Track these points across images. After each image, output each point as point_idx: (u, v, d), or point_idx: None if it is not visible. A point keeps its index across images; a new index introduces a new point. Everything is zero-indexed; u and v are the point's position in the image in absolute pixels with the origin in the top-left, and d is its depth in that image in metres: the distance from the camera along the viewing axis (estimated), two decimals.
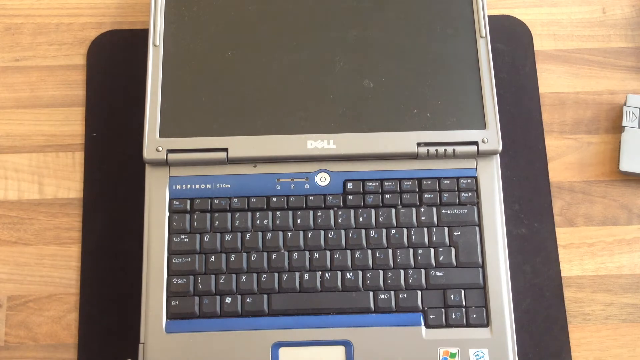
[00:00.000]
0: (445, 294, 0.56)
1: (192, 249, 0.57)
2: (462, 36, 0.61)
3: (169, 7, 0.62)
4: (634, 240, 0.61)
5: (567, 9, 0.68)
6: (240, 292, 0.56)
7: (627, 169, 0.62)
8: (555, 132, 0.64)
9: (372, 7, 0.62)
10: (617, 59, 0.67)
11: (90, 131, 0.64)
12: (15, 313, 0.59)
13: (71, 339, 0.59)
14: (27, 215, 0.62)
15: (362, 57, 0.61)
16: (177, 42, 0.61)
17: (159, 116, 0.58)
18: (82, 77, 0.66)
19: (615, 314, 0.59)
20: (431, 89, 0.60)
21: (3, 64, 0.66)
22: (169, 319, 0.55)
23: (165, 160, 0.58)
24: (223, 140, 0.58)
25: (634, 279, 0.60)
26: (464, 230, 0.57)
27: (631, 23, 0.68)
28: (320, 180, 0.59)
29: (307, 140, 0.58)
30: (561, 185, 0.63)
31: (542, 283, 0.59)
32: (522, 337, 0.57)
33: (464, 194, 0.58)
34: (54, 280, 0.60)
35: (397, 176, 0.59)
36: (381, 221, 0.57)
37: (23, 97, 0.65)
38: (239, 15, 0.62)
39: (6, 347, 0.58)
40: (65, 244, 0.61)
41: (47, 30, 0.67)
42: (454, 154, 0.58)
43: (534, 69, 0.66)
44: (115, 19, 0.68)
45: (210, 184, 0.58)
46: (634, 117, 0.63)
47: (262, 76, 0.60)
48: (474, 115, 0.59)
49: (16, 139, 0.64)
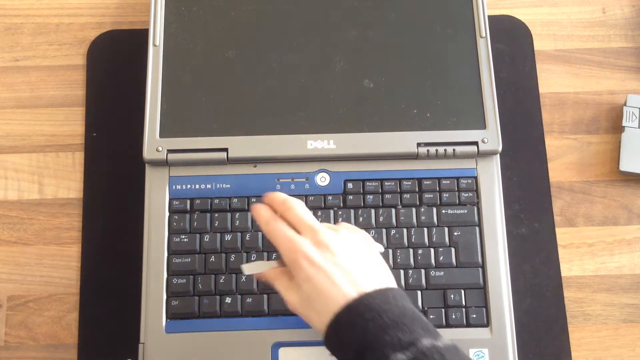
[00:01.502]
0: (445, 294, 0.56)
1: (192, 249, 0.57)
2: (462, 36, 0.61)
3: (169, 7, 0.62)
4: (634, 240, 0.61)
5: (567, 9, 0.68)
6: (240, 292, 0.56)
7: (627, 169, 0.62)
8: (555, 132, 0.64)
9: (372, 7, 0.62)
10: (617, 59, 0.67)
11: (90, 131, 0.64)
12: (15, 313, 0.59)
13: (71, 339, 0.59)
14: (27, 215, 0.62)
15: (362, 57, 0.61)
16: (177, 42, 0.61)
17: (159, 116, 0.58)
18: (82, 77, 0.66)
19: (615, 314, 0.59)
20: (431, 89, 0.60)
21: (3, 64, 0.66)
22: (169, 319, 0.55)
23: (165, 160, 0.58)
24: (223, 140, 0.58)
25: (634, 279, 0.60)
26: (464, 230, 0.57)
27: (631, 23, 0.68)
28: (320, 180, 0.59)
29: (307, 140, 0.58)
30: (561, 185, 0.63)
31: (542, 283, 0.59)
32: (522, 337, 0.57)
33: (464, 194, 0.58)
34: (54, 280, 0.60)
35: (397, 176, 0.59)
36: (381, 221, 0.57)
37: (23, 97, 0.65)
38: (239, 15, 0.62)
39: (6, 347, 0.58)
40: (65, 244, 0.61)
41: (47, 30, 0.67)
42: (454, 154, 0.58)
43: (534, 69, 0.66)
44: (115, 19, 0.68)
45: (210, 184, 0.58)
46: (634, 117, 0.63)
47: (262, 76, 0.60)
48: (474, 115, 0.59)
49: (16, 139, 0.64)
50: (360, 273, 0.47)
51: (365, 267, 0.48)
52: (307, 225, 0.49)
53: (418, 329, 0.44)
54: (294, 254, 0.47)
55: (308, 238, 0.48)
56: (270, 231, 0.49)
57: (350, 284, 0.46)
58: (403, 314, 0.45)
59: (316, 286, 0.46)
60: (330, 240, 0.48)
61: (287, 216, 0.50)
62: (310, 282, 0.47)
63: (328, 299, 0.46)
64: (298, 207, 0.50)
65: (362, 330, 0.44)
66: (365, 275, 0.47)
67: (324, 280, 0.46)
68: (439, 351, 0.42)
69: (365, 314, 0.44)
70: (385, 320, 0.44)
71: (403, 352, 0.42)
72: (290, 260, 0.48)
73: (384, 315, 0.44)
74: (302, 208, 0.50)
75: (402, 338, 0.43)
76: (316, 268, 0.47)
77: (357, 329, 0.44)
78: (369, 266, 0.49)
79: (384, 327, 0.44)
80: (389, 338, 0.43)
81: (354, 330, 0.44)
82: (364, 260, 0.49)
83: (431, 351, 0.42)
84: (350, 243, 0.49)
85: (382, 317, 0.44)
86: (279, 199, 0.51)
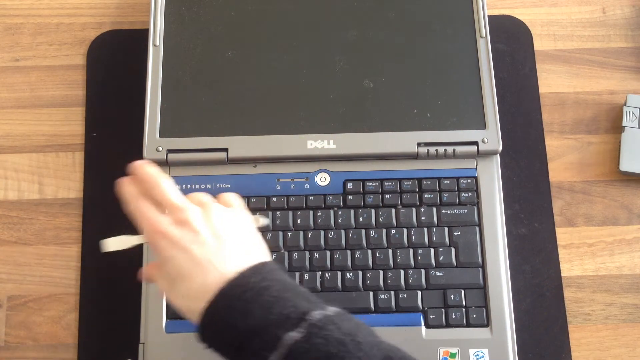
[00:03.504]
0: (445, 294, 0.56)
1: None
2: (462, 36, 0.61)
3: (169, 7, 0.62)
4: (634, 240, 0.61)
5: (567, 9, 0.68)
6: None
7: (627, 169, 0.61)
8: (555, 132, 0.64)
9: (372, 7, 0.62)
10: (617, 59, 0.67)
11: (90, 131, 0.64)
12: (15, 313, 0.59)
13: (71, 339, 0.59)
14: (27, 215, 0.62)
15: (362, 57, 0.61)
16: (177, 42, 0.61)
17: (159, 116, 0.58)
18: (82, 77, 0.66)
19: (615, 314, 0.59)
20: (431, 89, 0.60)
21: (3, 64, 0.66)
22: (169, 319, 0.55)
23: (165, 160, 0.58)
24: (223, 140, 0.58)
25: (634, 279, 0.60)
26: (464, 230, 0.57)
27: (631, 23, 0.68)
28: (320, 180, 0.59)
29: (307, 140, 0.58)
30: (561, 185, 0.63)
31: (542, 283, 0.59)
32: (522, 337, 0.57)
33: (464, 194, 0.58)
34: (54, 280, 0.60)
35: (397, 176, 0.59)
36: (381, 221, 0.57)
37: (23, 97, 0.65)
38: (239, 15, 0.62)
39: (6, 347, 0.58)
40: (65, 244, 0.61)
41: (47, 30, 0.67)
42: (454, 154, 0.58)
43: (534, 69, 0.66)
44: (115, 19, 0.68)
45: (210, 184, 0.58)
46: (634, 117, 0.63)
47: (262, 76, 0.60)
48: (474, 115, 0.59)
49: (16, 139, 0.64)
50: (229, 251, 0.43)
51: (235, 244, 0.44)
52: (170, 203, 0.45)
53: (303, 301, 0.41)
54: (153, 234, 0.44)
55: (171, 217, 0.45)
56: (133, 210, 0.46)
57: (219, 264, 0.42)
58: (285, 289, 0.41)
59: (177, 268, 0.43)
60: (194, 219, 0.44)
61: (153, 194, 0.46)
62: (170, 263, 0.43)
63: (192, 282, 0.42)
64: (163, 184, 0.46)
65: (244, 313, 0.40)
66: (235, 253, 0.44)
67: (186, 262, 0.42)
68: (332, 320, 0.40)
69: (243, 295, 0.40)
70: (267, 298, 0.40)
71: (295, 329, 0.39)
72: (151, 242, 0.44)
73: (265, 293, 0.40)
74: (168, 185, 0.46)
75: (290, 315, 0.40)
76: (176, 248, 0.43)
77: (236, 314, 0.40)
78: (239, 243, 0.45)
79: (267, 306, 0.40)
80: (274, 317, 0.40)
81: (233, 315, 0.40)
82: (233, 236, 0.45)
83: (324, 322, 0.39)
84: (218, 219, 0.45)
85: (262, 296, 0.40)
86: (143, 176, 0.47)
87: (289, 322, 0.40)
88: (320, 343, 0.39)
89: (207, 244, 0.44)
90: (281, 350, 0.39)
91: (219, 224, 0.45)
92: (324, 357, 0.38)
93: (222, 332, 0.41)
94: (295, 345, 0.39)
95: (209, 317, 0.41)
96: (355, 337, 0.40)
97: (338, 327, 0.40)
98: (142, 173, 0.47)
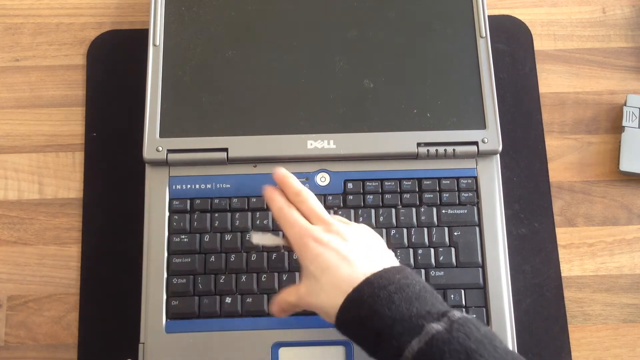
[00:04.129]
0: (445, 294, 0.56)
1: (192, 249, 0.57)
2: (462, 36, 0.61)
3: (169, 7, 0.62)
4: (634, 240, 0.61)
5: (567, 9, 0.68)
6: (240, 292, 0.56)
7: (627, 169, 0.62)
8: (555, 132, 0.64)
9: (372, 7, 0.62)
10: (617, 59, 0.67)
11: (90, 131, 0.64)
12: (15, 313, 0.59)
13: (71, 339, 0.59)
14: (27, 215, 0.62)
15: (362, 57, 0.61)
16: (177, 42, 0.61)
17: (159, 116, 0.58)
18: (82, 77, 0.66)
19: (615, 314, 0.59)
20: (431, 89, 0.60)
21: (3, 64, 0.66)
22: (169, 319, 0.55)
23: (165, 160, 0.58)
24: (223, 140, 0.58)
25: (634, 279, 0.60)
26: (464, 230, 0.57)
27: (631, 23, 0.68)
28: (320, 180, 0.59)
29: (307, 140, 0.58)
30: (561, 185, 0.63)
31: (542, 283, 0.59)
32: (522, 337, 0.57)
33: (464, 194, 0.58)
34: (54, 280, 0.60)
35: (397, 176, 0.59)
36: (381, 221, 0.57)
37: (23, 97, 0.65)
38: (239, 15, 0.62)
39: (6, 347, 0.58)
40: (65, 244, 0.61)
41: (47, 30, 0.67)
42: (454, 154, 0.58)
43: (534, 69, 0.66)
44: (115, 19, 0.68)
45: (210, 184, 0.58)
46: (634, 117, 0.63)
47: (262, 76, 0.60)
48: (474, 115, 0.59)
49: (16, 139, 0.64)
50: (373, 255, 0.47)
51: (379, 251, 0.48)
52: (319, 217, 0.50)
53: (440, 304, 0.43)
54: (303, 238, 0.48)
55: (321, 227, 0.49)
56: (282, 216, 0.50)
57: (364, 261, 0.46)
58: (424, 289, 0.44)
59: (325, 262, 0.46)
60: (343, 230, 0.48)
61: (300, 208, 0.50)
62: (317, 259, 0.46)
63: (339, 272, 0.45)
64: (312, 199, 0.51)
65: (388, 302, 0.42)
66: (378, 257, 0.47)
67: (334, 257, 0.46)
68: (471, 321, 0.41)
69: (387, 286, 0.43)
70: (409, 294, 0.43)
71: (438, 322, 0.41)
72: (299, 245, 0.48)
73: (407, 289, 0.43)
74: (315, 201, 0.51)
75: (431, 310, 0.42)
76: (324, 245, 0.47)
77: (380, 301, 0.42)
78: (382, 250, 0.49)
79: (409, 300, 0.42)
80: (416, 310, 0.42)
81: (378, 302, 0.42)
82: (376, 246, 0.49)
83: (464, 321, 0.41)
84: (362, 234, 0.49)
85: (405, 292, 0.43)
86: (294, 190, 0.51)
87: (430, 316, 0.42)
88: (461, 337, 0.40)
89: (355, 248, 0.47)
90: (424, 337, 0.40)
91: (364, 236, 0.49)
92: (463, 351, 0.40)
93: (364, 318, 0.43)
94: (438, 334, 0.40)
95: (353, 303, 0.44)
96: (492, 340, 0.41)
97: (477, 328, 0.41)
98: (289, 187, 0.51)
